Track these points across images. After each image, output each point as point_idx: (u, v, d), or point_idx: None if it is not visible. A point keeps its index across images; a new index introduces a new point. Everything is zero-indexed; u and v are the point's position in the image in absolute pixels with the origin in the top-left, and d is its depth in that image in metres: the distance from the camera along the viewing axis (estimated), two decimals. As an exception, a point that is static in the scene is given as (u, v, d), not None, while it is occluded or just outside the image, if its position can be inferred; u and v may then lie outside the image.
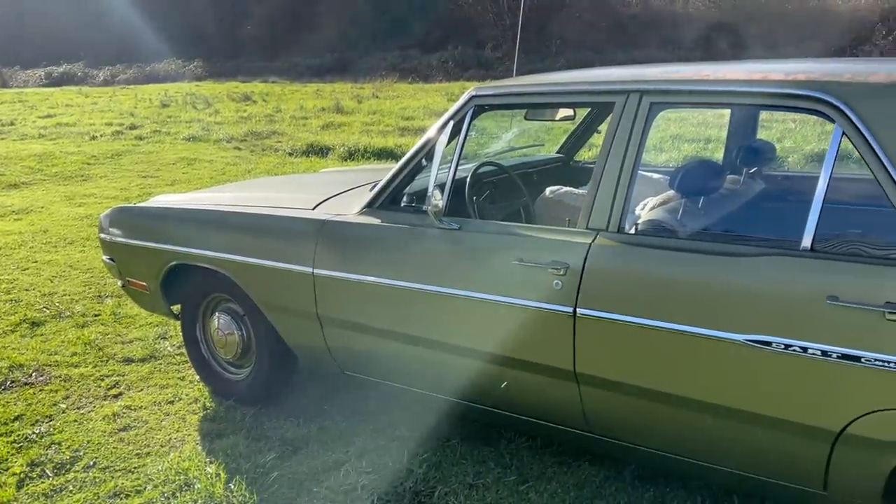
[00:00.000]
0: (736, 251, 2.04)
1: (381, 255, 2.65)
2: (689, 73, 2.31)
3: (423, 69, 23.94)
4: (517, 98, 2.61)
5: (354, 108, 14.92)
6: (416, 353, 2.65)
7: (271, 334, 3.05)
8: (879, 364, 1.77)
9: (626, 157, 2.25)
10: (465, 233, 2.51)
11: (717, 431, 2.11)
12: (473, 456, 2.75)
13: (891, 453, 1.82)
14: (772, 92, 2.05)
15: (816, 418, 1.91)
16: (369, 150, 9.79)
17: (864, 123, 1.87)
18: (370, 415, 3.11)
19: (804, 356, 1.87)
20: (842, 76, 1.99)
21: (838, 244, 1.98)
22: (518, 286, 2.34)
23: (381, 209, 2.74)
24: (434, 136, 2.63)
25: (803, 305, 1.89)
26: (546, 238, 2.36)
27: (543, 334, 2.32)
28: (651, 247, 2.18)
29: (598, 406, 2.31)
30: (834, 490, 1.97)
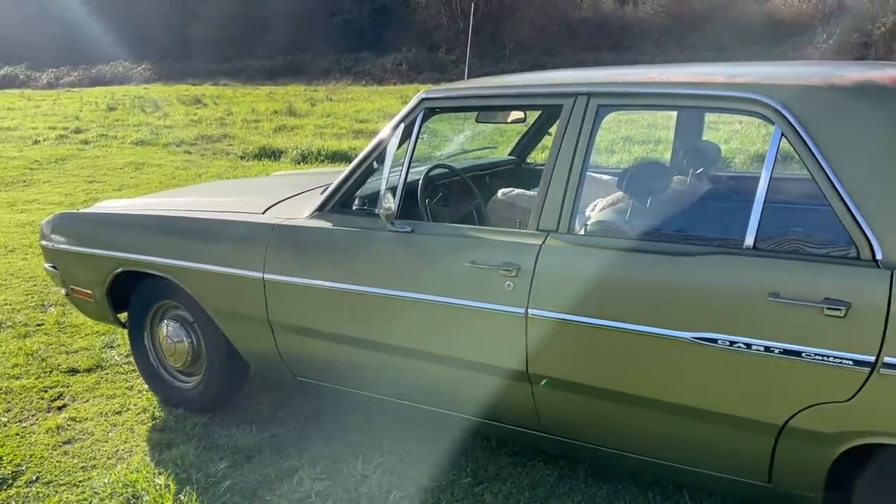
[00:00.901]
0: (682, 250, 2.08)
1: (333, 259, 2.63)
2: (635, 75, 2.35)
3: (377, 72, 23.89)
4: (467, 101, 2.62)
5: (308, 111, 14.79)
6: (370, 358, 2.63)
7: (222, 341, 3.00)
8: (819, 359, 1.82)
9: (574, 159, 2.28)
10: (417, 235, 2.50)
11: (666, 428, 2.14)
12: (428, 459, 2.74)
13: (831, 445, 1.88)
14: (714, 94, 2.10)
15: (761, 413, 1.95)
16: (323, 153, 9.72)
17: (801, 125, 1.92)
18: (324, 421, 3.08)
19: (748, 352, 1.92)
20: (780, 79, 2.05)
21: (779, 243, 2.04)
22: (470, 288, 2.35)
23: (333, 213, 2.71)
24: (385, 138, 2.62)
25: (747, 303, 1.93)
26: (497, 240, 2.37)
27: (496, 336, 2.33)
28: (600, 247, 2.21)
29: (551, 406, 2.33)
30: (778, 482, 2.02)
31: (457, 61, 23.43)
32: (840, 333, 1.80)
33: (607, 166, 5.41)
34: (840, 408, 1.83)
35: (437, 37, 25.41)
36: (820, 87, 1.97)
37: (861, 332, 1.78)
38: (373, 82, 21.98)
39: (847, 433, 1.85)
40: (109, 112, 16.17)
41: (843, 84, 1.96)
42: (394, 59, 24.72)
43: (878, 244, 1.81)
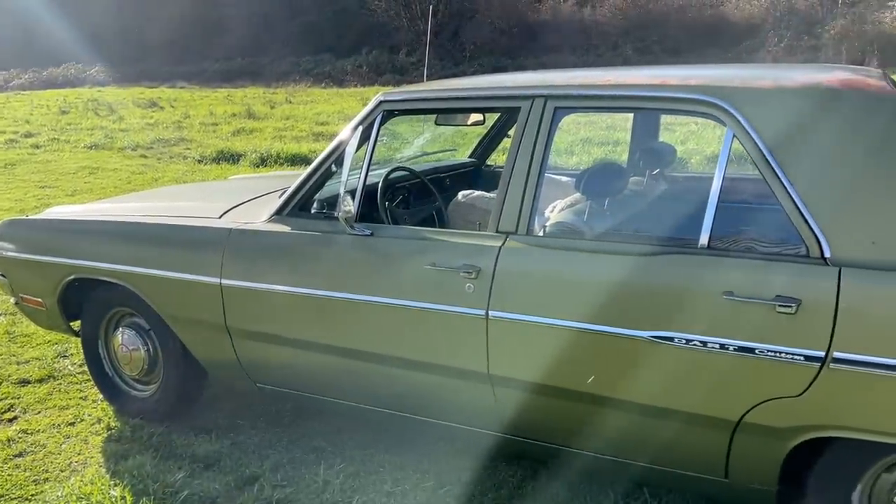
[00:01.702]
0: (639, 250, 2.11)
1: (292, 264, 2.60)
2: (591, 78, 2.38)
3: (338, 74, 23.78)
4: (425, 103, 2.62)
5: (267, 114, 14.64)
6: (331, 363, 2.61)
7: (179, 348, 2.94)
8: (772, 355, 1.86)
9: (532, 161, 2.29)
10: (377, 238, 2.49)
11: (626, 427, 2.16)
12: (392, 463, 2.73)
13: (784, 439, 1.92)
14: (668, 96, 2.13)
15: (717, 409, 1.99)
16: (283, 156, 9.62)
17: (752, 126, 1.96)
18: (285, 427, 3.04)
19: (704, 350, 1.95)
20: (732, 82, 2.09)
21: (733, 242, 2.08)
22: (431, 291, 2.34)
23: (291, 216, 2.68)
24: (343, 141, 2.60)
25: (702, 301, 1.96)
26: (457, 242, 2.37)
27: (457, 338, 2.33)
28: (558, 248, 2.23)
29: (512, 406, 2.34)
30: (735, 477, 2.06)
31: (417, 63, 23.45)
32: (791, 330, 1.84)
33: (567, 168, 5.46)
34: (792, 403, 1.87)
35: (397, 39, 25.40)
36: (769, 89, 2.01)
37: (811, 329, 1.82)
38: (333, 84, 21.87)
39: (799, 427, 1.89)
40: (62, 115, 15.79)
41: (791, 86, 2.01)
42: (354, 61, 24.64)
43: (826, 243, 1.86)
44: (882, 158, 1.86)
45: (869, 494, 1.93)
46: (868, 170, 1.86)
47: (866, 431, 1.82)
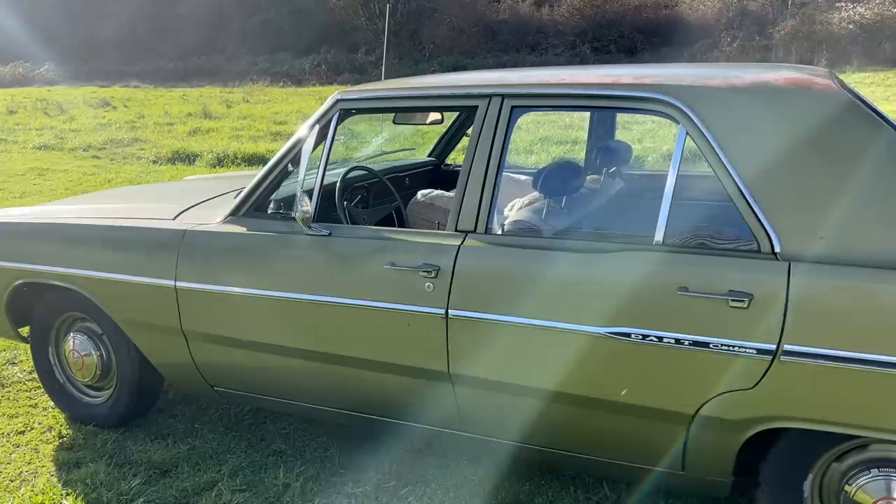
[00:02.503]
0: (596, 248, 2.13)
1: (248, 265, 2.56)
2: (547, 77, 2.39)
3: (296, 73, 23.54)
4: (382, 102, 2.60)
5: (224, 114, 14.42)
6: (290, 365, 2.58)
7: (133, 353, 2.88)
8: (725, 349, 1.90)
9: (490, 160, 2.30)
10: (335, 238, 2.47)
11: (585, 423, 2.18)
12: (353, 465, 2.71)
13: (739, 431, 1.96)
14: (622, 95, 2.16)
15: (674, 403, 2.02)
16: (240, 156, 9.49)
17: (704, 124, 2.00)
18: (244, 430, 3.00)
19: (660, 345, 1.98)
20: (684, 80, 2.12)
21: (687, 238, 2.11)
22: (390, 290, 2.33)
23: (247, 217, 2.65)
24: (300, 140, 2.58)
25: (657, 297, 1.99)
26: (416, 241, 2.36)
27: (417, 337, 2.32)
28: (517, 246, 2.24)
29: (473, 405, 2.34)
30: (691, 470, 2.09)
31: (377, 62, 23.35)
32: (744, 324, 1.88)
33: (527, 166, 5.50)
34: (746, 395, 1.91)
35: (356, 37, 25.25)
36: (720, 87, 2.05)
37: (763, 322, 1.86)
38: (291, 83, 21.64)
39: (753, 419, 1.93)
40: (9, 115, 15.32)
41: (740, 85, 2.05)
42: (312, 60, 24.43)
43: (776, 238, 1.90)
44: (827, 155, 1.91)
45: (819, 483, 1.98)
46: (814, 166, 1.91)
47: (816, 422, 1.87)
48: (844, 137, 1.93)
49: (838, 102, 2.00)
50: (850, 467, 1.93)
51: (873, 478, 1.89)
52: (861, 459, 1.92)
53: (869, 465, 1.90)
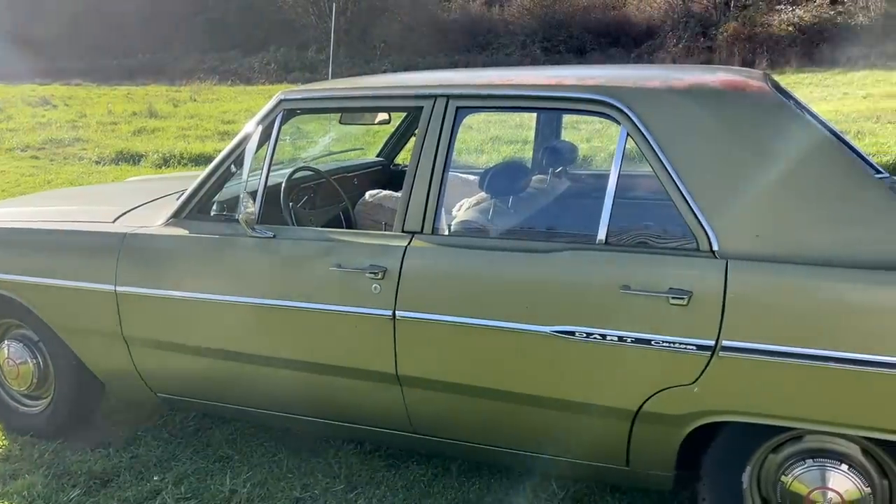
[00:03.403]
0: (541, 247, 2.15)
1: (191, 268, 2.51)
2: (492, 78, 2.40)
3: (245, 71, 23.18)
4: (327, 102, 2.58)
5: (170, 113, 14.12)
6: (235, 369, 2.54)
7: (72, 360, 2.79)
8: (666, 345, 1.94)
9: (436, 160, 2.30)
10: (280, 240, 2.44)
11: (532, 421, 2.20)
12: (301, 469, 2.68)
13: (680, 426, 2.00)
14: (565, 96, 2.18)
15: (617, 400, 2.05)
16: (186, 156, 9.31)
17: (643, 125, 2.04)
18: (189, 437, 2.94)
19: (604, 343, 2.01)
20: (625, 82, 2.15)
21: (629, 237, 2.15)
22: (337, 292, 2.32)
23: (189, 219, 2.59)
24: (243, 141, 2.54)
25: (600, 295, 2.02)
26: (363, 242, 2.35)
27: (365, 339, 2.31)
28: (463, 247, 2.24)
29: (421, 406, 2.34)
30: (635, 465, 2.13)
31: (327, 61, 23.12)
32: (684, 321, 1.92)
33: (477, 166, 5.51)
34: (686, 390, 1.95)
35: (306, 36, 24.96)
36: (659, 89, 2.09)
37: (702, 319, 1.90)
38: (240, 82, 21.29)
39: (694, 414, 1.97)
40: (-59, 114, 14.70)
41: (679, 86, 2.09)
42: (262, 59, 24.08)
43: (714, 236, 1.94)
44: (761, 155, 1.96)
45: (758, 475, 2.04)
46: (749, 166, 1.96)
47: (754, 415, 1.92)
48: (777, 138, 1.98)
49: (771, 104, 2.06)
50: (787, 458, 1.99)
51: (808, 468, 1.95)
52: (796, 450, 1.98)
53: (804, 456, 1.97)
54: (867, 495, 1.91)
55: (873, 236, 1.85)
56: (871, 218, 1.87)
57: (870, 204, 1.88)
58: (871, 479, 1.91)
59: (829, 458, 1.94)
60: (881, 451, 1.89)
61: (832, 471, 1.93)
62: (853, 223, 1.87)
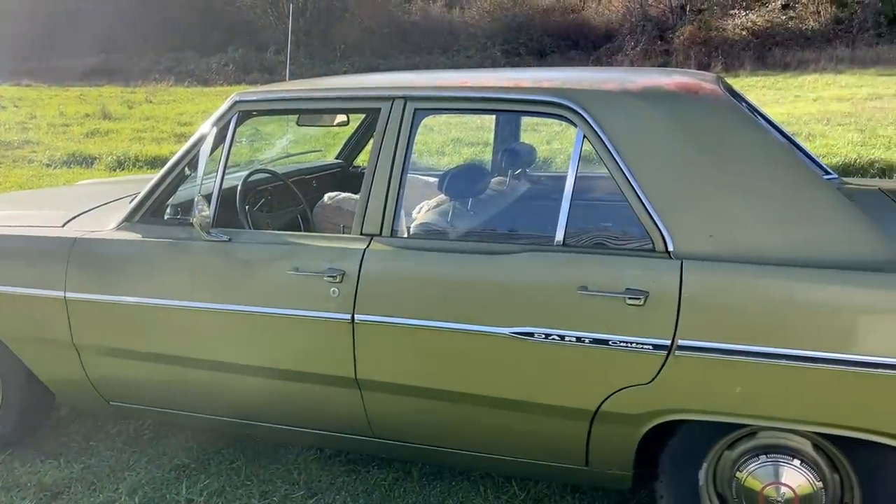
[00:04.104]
0: (500, 249, 2.15)
1: (144, 273, 2.46)
2: (450, 80, 2.40)
3: (202, 72, 22.87)
4: (283, 104, 2.54)
5: (125, 114, 13.84)
6: (191, 376, 2.49)
7: (20, 370, 2.70)
8: (623, 345, 1.95)
9: (394, 162, 2.28)
10: (235, 244, 2.40)
11: (492, 423, 2.20)
12: (259, 476, 2.64)
13: (638, 425, 2.02)
14: (522, 98, 2.19)
15: (576, 400, 2.06)
16: (141, 159, 9.13)
17: (599, 126, 2.05)
18: (144, 446, 2.87)
19: (562, 344, 2.01)
20: (581, 84, 2.17)
21: (586, 238, 2.16)
22: (294, 296, 2.29)
23: (142, 223, 2.54)
24: (197, 143, 2.49)
25: (559, 296, 2.03)
26: (321, 246, 2.32)
27: (323, 344, 2.28)
28: (423, 249, 2.23)
29: (381, 410, 2.32)
30: (594, 464, 2.15)
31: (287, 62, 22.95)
32: (640, 321, 1.94)
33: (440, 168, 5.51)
34: (644, 390, 1.97)
35: (265, 37, 24.71)
36: (614, 91, 2.11)
37: (658, 319, 1.92)
38: (197, 83, 20.99)
39: (651, 413, 1.99)
40: None
41: (634, 89, 2.11)
42: (220, 60, 23.80)
43: (669, 237, 1.97)
44: (714, 157, 1.99)
45: (713, 471, 2.07)
46: (703, 168, 1.99)
47: (709, 413, 1.95)
48: (729, 140, 2.01)
49: (724, 107, 2.09)
50: (741, 455, 2.02)
51: (762, 464, 1.99)
52: (751, 447, 2.01)
53: (758, 452, 2.00)
54: (819, 489, 1.95)
55: (821, 236, 1.89)
56: (819, 218, 1.91)
57: (818, 205, 1.93)
58: (823, 473, 1.96)
59: (782, 454, 1.97)
60: (831, 445, 1.93)
61: (785, 466, 1.96)
62: (802, 223, 1.91)
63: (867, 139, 8.45)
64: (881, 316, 1.81)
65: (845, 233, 1.89)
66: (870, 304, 1.81)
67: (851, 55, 18.78)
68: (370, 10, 25.48)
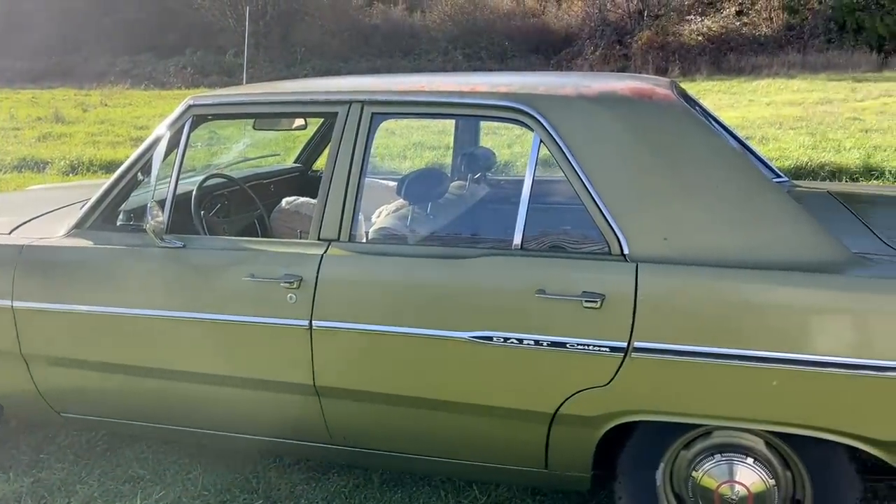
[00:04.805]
0: (459, 253, 2.15)
1: (95, 281, 2.40)
2: (407, 84, 2.39)
3: (159, 75, 22.48)
4: (238, 108, 2.51)
5: (79, 118, 13.52)
6: (146, 385, 2.43)
7: (-35, 381, 2.62)
8: (581, 348, 1.97)
9: (352, 167, 2.27)
10: (190, 250, 2.36)
11: (452, 427, 2.20)
12: (216, 486, 2.60)
13: (596, 427, 2.03)
14: (479, 103, 2.20)
15: (535, 403, 2.07)
16: (96, 163, 8.93)
17: (556, 131, 2.07)
18: (97, 458, 2.80)
19: (521, 347, 2.02)
20: (537, 89, 2.18)
21: (543, 241, 2.18)
22: (250, 303, 2.26)
23: (93, 230, 2.48)
24: (150, 148, 2.45)
25: (517, 300, 2.03)
26: (278, 251, 2.30)
27: (281, 351, 2.25)
28: (381, 254, 2.22)
29: (340, 417, 2.30)
30: (554, 466, 2.16)
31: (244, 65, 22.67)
32: (597, 323, 1.96)
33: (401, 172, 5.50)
34: (601, 391, 1.98)
35: (224, 39, 24.37)
36: (570, 96, 2.13)
37: (614, 321, 1.94)
38: (154, 86, 20.62)
39: (609, 414, 2.01)
40: None
41: (588, 94, 2.13)
42: (178, 62, 23.41)
43: (625, 240, 1.99)
44: (668, 161, 2.02)
45: (670, 471, 2.10)
46: (657, 172, 2.01)
47: (665, 413, 1.98)
48: (682, 144, 2.04)
49: (677, 111, 2.12)
50: (697, 454, 2.05)
51: (717, 463, 2.02)
52: (706, 446, 2.04)
53: (713, 451, 2.03)
54: (772, 487, 1.99)
55: (771, 239, 1.93)
56: (769, 222, 1.95)
57: (768, 208, 1.96)
58: (776, 471, 2.00)
59: (736, 453, 2.01)
60: (784, 443, 1.97)
61: (739, 465, 2.00)
62: (753, 226, 1.95)
63: (818, 142, 8.67)
64: (829, 316, 1.85)
65: (794, 235, 1.93)
66: (818, 305, 1.86)
67: (803, 60, 19.27)
68: (331, 12, 25.33)
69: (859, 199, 2.73)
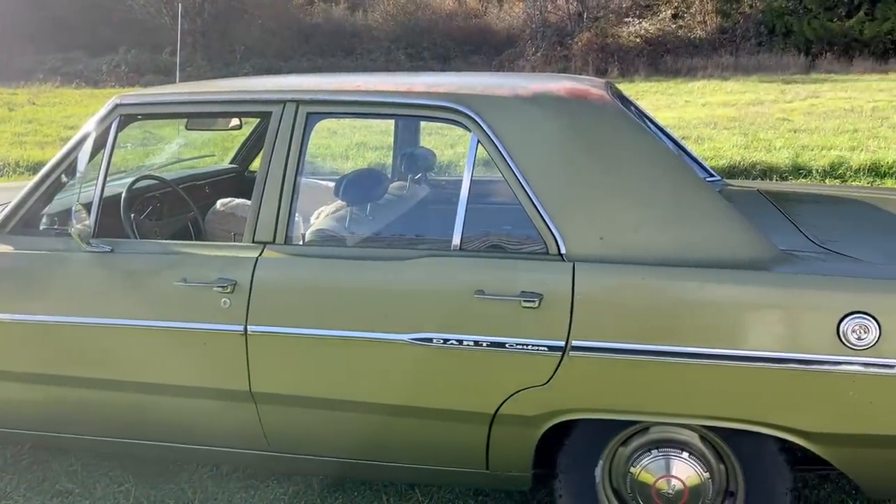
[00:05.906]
0: (398, 255, 2.13)
1: (15, 288, 2.29)
2: (343, 83, 2.36)
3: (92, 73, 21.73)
4: (168, 107, 2.43)
5: (5, 117, 12.95)
6: (72, 396, 2.34)
7: None
8: (519, 348, 1.97)
9: (287, 167, 2.22)
10: (118, 255, 2.27)
11: (392, 430, 2.18)
12: (151, 498, 2.51)
13: (535, 426, 2.04)
14: (415, 103, 2.18)
15: (475, 404, 2.06)
16: (23, 164, 8.57)
17: (492, 131, 2.07)
18: (23, 472, 2.68)
19: (460, 348, 2.01)
20: (474, 90, 2.18)
21: (482, 242, 2.17)
22: (182, 309, 2.19)
23: (13, 234, 2.37)
24: (74, 148, 2.35)
25: (456, 301, 2.03)
26: (210, 255, 2.24)
27: (215, 357, 2.20)
28: (318, 256, 2.19)
29: (278, 423, 2.25)
30: (495, 467, 2.16)
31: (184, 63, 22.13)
32: (536, 323, 1.96)
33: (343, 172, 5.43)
34: (540, 391, 1.99)
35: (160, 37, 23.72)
36: (506, 97, 2.13)
37: (552, 321, 1.95)
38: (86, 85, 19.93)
39: (548, 413, 2.02)
40: None
41: (524, 94, 2.14)
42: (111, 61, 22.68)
43: (562, 240, 2.00)
44: (602, 160, 2.04)
45: (609, 468, 2.12)
46: (592, 172, 2.03)
47: (603, 411, 2.00)
48: (617, 145, 2.07)
49: (611, 111, 2.14)
50: (634, 450, 2.08)
51: (654, 458, 2.05)
52: (643, 442, 2.07)
53: (650, 447, 2.07)
54: (706, 480, 2.03)
55: (704, 237, 1.97)
56: (702, 220, 1.99)
57: (701, 207, 2.00)
58: (710, 464, 2.04)
59: (672, 448, 2.04)
60: (717, 437, 2.02)
61: (675, 459, 2.04)
62: (686, 225, 1.99)
63: (750, 142, 8.94)
64: (758, 312, 1.90)
65: (725, 234, 1.97)
66: (748, 301, 1.90)
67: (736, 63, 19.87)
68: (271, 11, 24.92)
69: (787, 197, 2.82)
